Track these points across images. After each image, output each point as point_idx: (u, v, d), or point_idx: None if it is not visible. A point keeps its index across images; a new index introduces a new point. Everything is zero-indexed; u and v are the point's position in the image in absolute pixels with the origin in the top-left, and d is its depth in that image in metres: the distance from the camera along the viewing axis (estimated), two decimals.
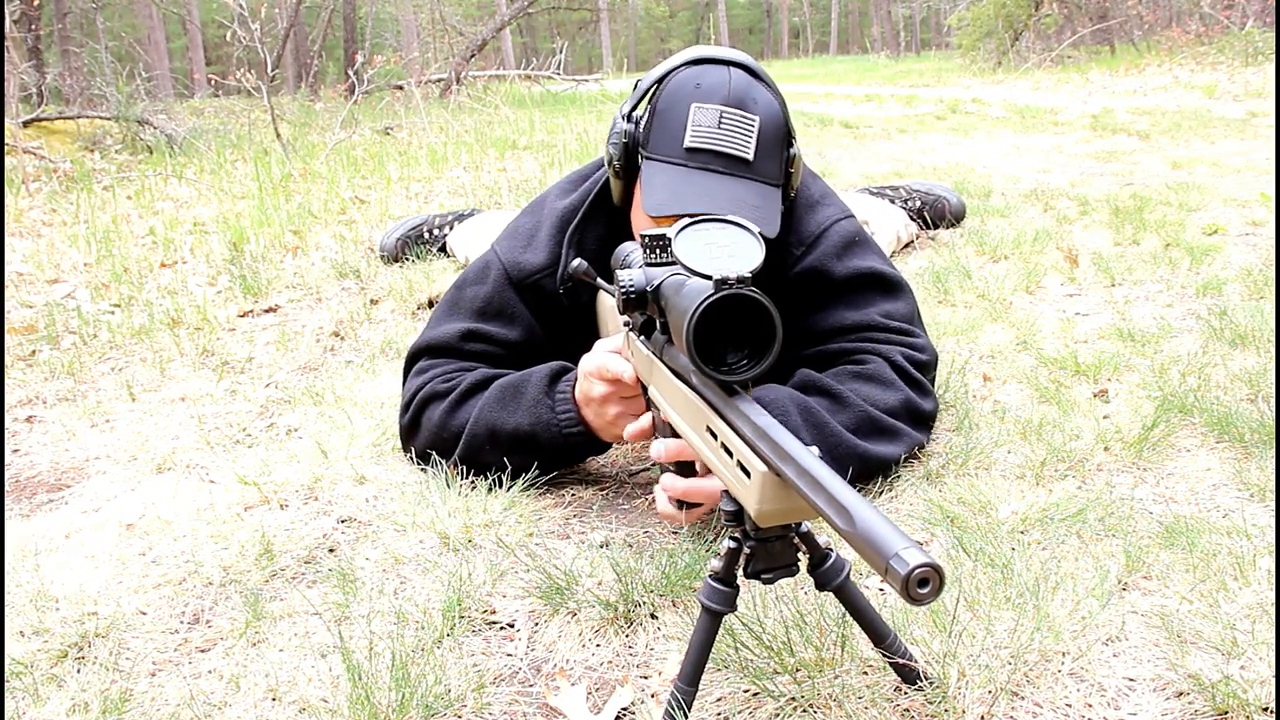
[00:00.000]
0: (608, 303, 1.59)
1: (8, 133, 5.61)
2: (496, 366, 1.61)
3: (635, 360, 1.23)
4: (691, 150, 1.42)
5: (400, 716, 1.00)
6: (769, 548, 0.89)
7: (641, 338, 1.16)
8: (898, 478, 1.47)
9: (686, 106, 1.43)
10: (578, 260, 1.26)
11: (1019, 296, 2.50)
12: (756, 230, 0.92)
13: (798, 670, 1.01)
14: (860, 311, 1.58)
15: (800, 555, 0.92)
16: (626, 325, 1.22)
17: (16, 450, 1.92)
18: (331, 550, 1.39)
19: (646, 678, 1.07)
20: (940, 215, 3.35)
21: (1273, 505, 1.33)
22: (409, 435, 1.61)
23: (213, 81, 12.93)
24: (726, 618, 1.06)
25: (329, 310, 2.81)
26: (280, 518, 1.49)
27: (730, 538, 0.92)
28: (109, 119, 7.23)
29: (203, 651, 1.17)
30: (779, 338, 0.84)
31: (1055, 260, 2.80)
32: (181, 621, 1.23)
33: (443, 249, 3.27)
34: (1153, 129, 6.26)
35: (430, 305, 2.74)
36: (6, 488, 1.74)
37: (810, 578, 0.94)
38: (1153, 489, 1.41)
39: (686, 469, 1.24)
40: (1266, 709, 0.94)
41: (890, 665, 0.98)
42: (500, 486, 1.50)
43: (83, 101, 8.57)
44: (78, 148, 6.85)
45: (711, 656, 1.04)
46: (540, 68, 10.79)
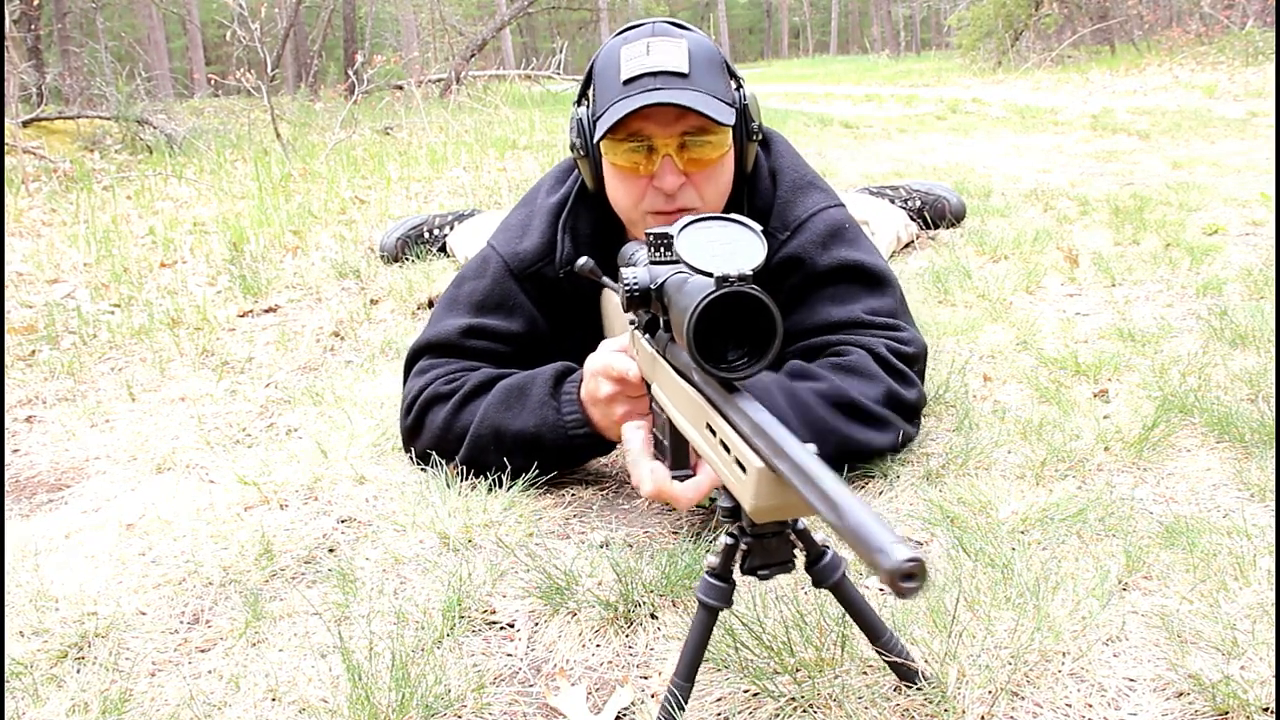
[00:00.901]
0: (613, 300, 1.59)
1: (8, 133, 5.61)
2: (500, 364, 1.61)
3: (640, 358, 1.23)
4: (628, 80, 1.47)
5: (400, 716, 1.00)
6: (765, 544, 0.89)
7: (645, 335, 1.16)
8: (898, 478, 1.47)
9: (617, 54, 1.50)
10: (584, 259, 1.26)
11: (1019, 296, 2.50)
12: (759, 228, 0.92)
13: (798, 670, 1.01)
14: (844, 307, 1.57)
15: (797, 552, 0.92)
16: (632, 324, 1.23)
17: (16, 450, 1.92)
18: (331, 550, 1.39)
19: (646, 678, 1.07)
20: (940, 215, 3.35)
21: (1273, 505, 1.33)
22: (411, 437, 1.60)
23: (213, 81, 12.94)
24: (727, 618, 1.06)
25: (329, 310, 2.81)
26: (280, 518, 1.49)
27: (727, 534, 0.92)
28: (109, 119, 7.24)
29: (203, 651, 1.17)
30: (780, 335, 0.85)
31: (1055, 260, 2.80)
32: (181, 621, 1.23)
33: (443, 249, 3.28)
34: (1153, 129, 6.26)
35: (430, 305, 2.74)
36: (6, 488, 1.74)
37: (809, 576, 0.94)
38: (1153, 489, 1.41)
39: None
40: (1267, 709, 0.94)
41: (887, 664, 0.98)
42: (500, 486, 1.50)
43: (83, 101, 8.57)
44: (78, 148, 6.85)
45: (712, 656, 1.04)
46: (540, 68, 10.79)
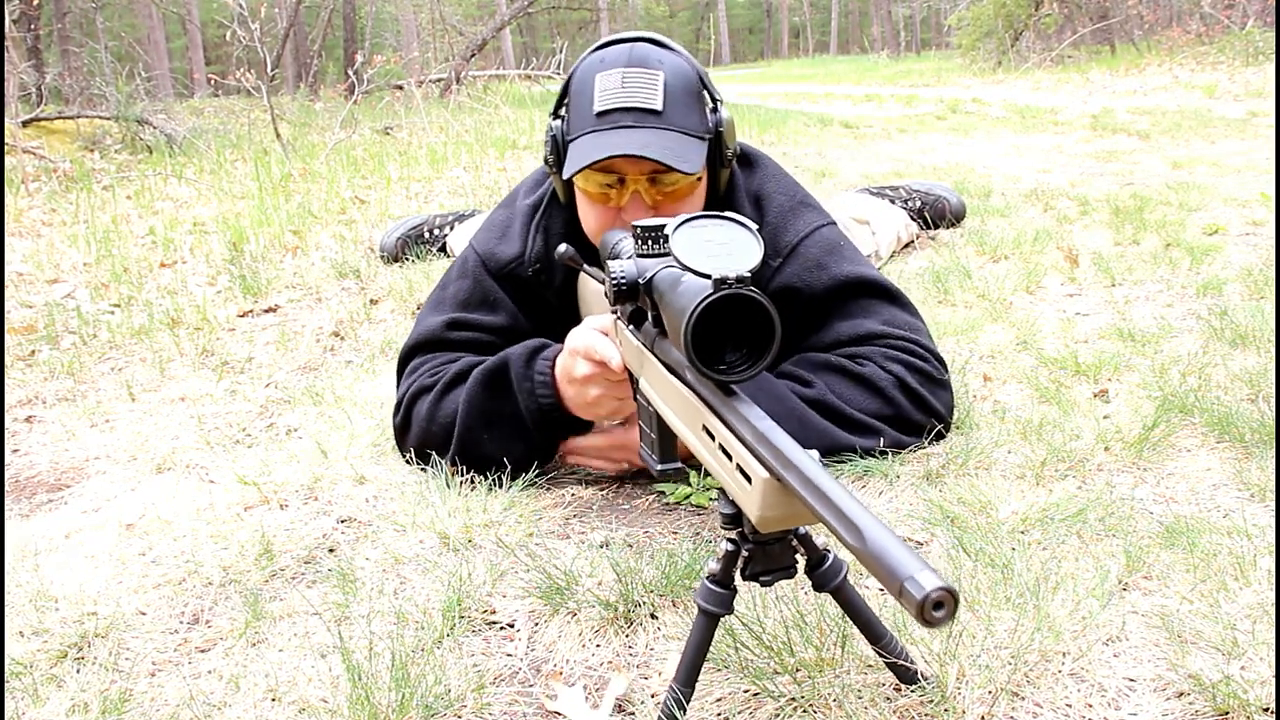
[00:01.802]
0: (591, 286, 1.59)
1: (8, 133, 5.61)
2: (485, 354, 1.60)
3: (625, 350, 1.21)
4: (601, 114, 1.46)
5: (400, 716, 1.00)
6: (767, 550, 0.88)
7: (631, 327, 1.14)
8: (898, 478, 1.47)
9: (592, 80, 1.48)
10: (563, 246, 1.26)
11: (1019, 296, 2.50)
12: (755, 227, 0.90)
13: (798, 670, 1.01)
14: (854, 321, 1.56)
15: (798, 556, 0.91)
16: (615, 314, 1.22)
17: (16, 450, 1.92)
18: (331, 550, 1.39)
19: (646, 678, 1.07)
20: (940, 215, 3.35)
21: (1273, 505, 1.33)
22: (402, 434, 1.61)
23: (213, 81, 12.94)
24: (727, 618, 1.05)
25: (329, 310, 2.81)
26: (280, 518, 1.49)
27: (728, 540, 0.91)
28: (109, 119, 7.24)
29: (202, 651, 1.17)
30: (778, 337, 0.84)
31: (1055, 260, 2.80)
32: (181, 621, 1.23)
33: (443, 249, 3.28)
34: (1153, 129, 6.26)
35: None
36: (6, 488, 1.74)
37: (808, 578, 0.94)
38: (1153, 489, 1.41)
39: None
40: (1267, 709, 0.94)
41: (888, 666, 0.98)
42: (500, 486, 1.50)
43: (82, 101, 8.57)
44: (77, 148, 6.85)
45: (712, 657, 1.04)
46: (540, 68, 10.79)
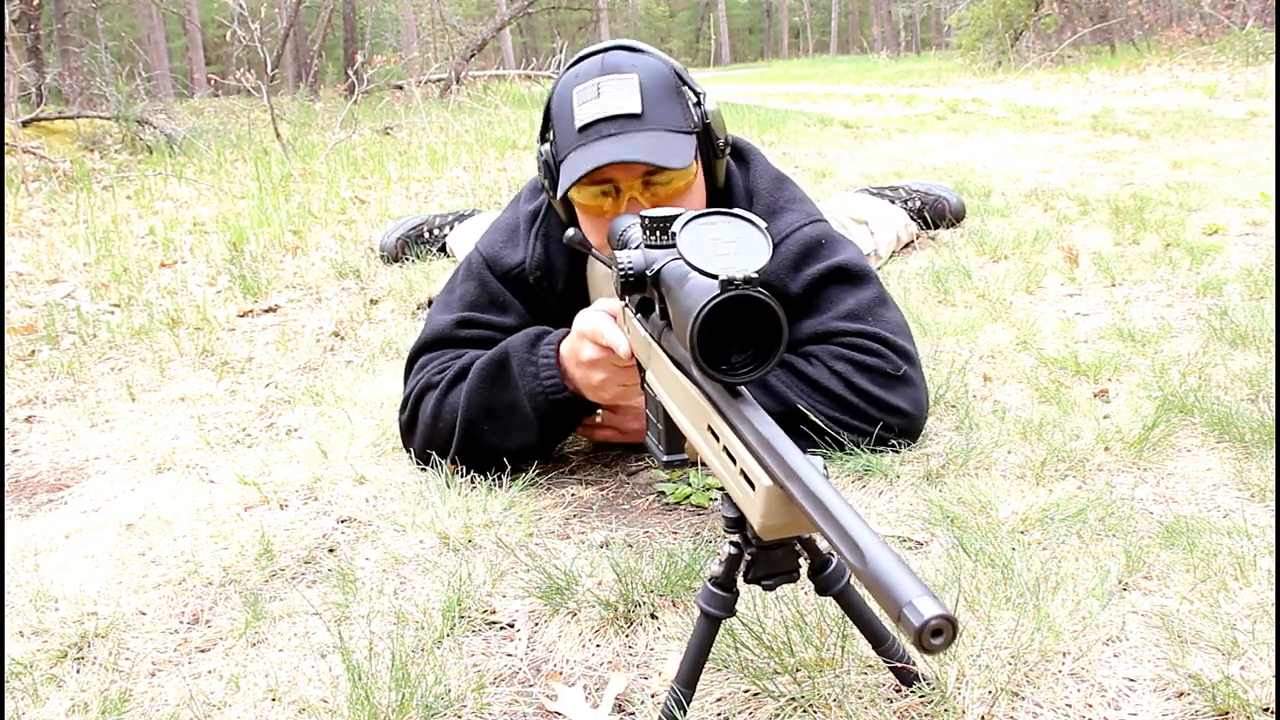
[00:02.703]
0: (600, 271, 1.61)
1: (8, 132, 5.61)
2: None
3: (632, 339, 1.21)
4: (584, 128, 1.46)
5: (400, 716, 1.00)
6: (770, 555, 0.88)
7: (639, 316, 1.13)
8: (898, 478, 1.47)
9: (570, 96, 1.49)
10: (571, 230, 1.25)
11: (1019, 296, 2.49)
12: (763, 225, 0.88)
13: (798, 670, 1.01)
14: (814, 319, 1.57)
15: (801, 560, 0.91)
16: (624, 302, 1.22)
17: (16, 450, 1.92)
18: (331, 550, 1.39)
19: (646, 678, 1.07)
20: (940, 215, 3.35)
21: (1273, 505, 1.33)
22: (408, 432, 1.61)
23: (213, 81, 12.94)
24: (727, 619, 1.05)
25: (329, 310, 2.81)
26: (280, 518, 1.49)
27: (731, 544, 0.90)
28: (109, 119, 7.24)
29: (202, 651, 1.17)
30: (785, 338, 0.82)
31: (1055, 260, 2.80)
32: (181, 621, 1.23)
33: (443, 249, 3.28)
34: (1153, 129, 6.26)
35: (429, 305, 2.74)
36: (6, 488, 1.74)
37: (811, 582, 0.94)
38: (1153, 489, 1.41)
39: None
40: (1267, 709, 0.94)
41: (889, 668, 0.98)
42: (500, 486, 1.50)
43: (82, 101, 8.57)
44: (77, 148, 6.85)
45: (712, 656, 1.04)
46: (540, 68, 10.80)
